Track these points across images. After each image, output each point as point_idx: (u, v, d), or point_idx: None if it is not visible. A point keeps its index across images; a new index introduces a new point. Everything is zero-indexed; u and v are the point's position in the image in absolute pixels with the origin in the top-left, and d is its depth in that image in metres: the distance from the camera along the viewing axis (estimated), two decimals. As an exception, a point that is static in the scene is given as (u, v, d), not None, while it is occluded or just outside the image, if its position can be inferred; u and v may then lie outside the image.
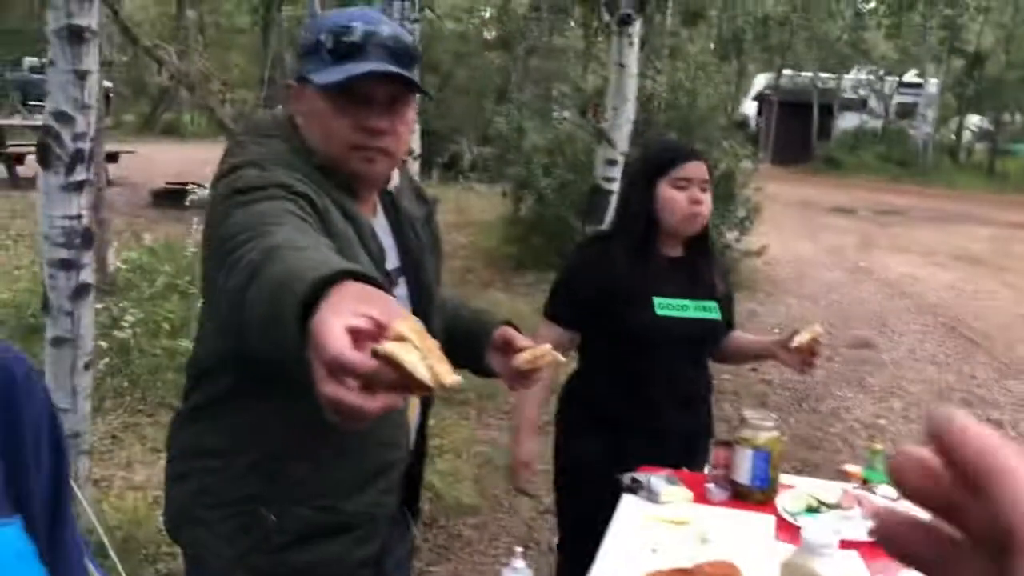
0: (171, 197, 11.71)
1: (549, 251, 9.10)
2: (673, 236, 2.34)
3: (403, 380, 0.73)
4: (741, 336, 2.56)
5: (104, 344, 4.67)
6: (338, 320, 0.75)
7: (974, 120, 29.96)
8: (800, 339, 2.27)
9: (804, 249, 12.35)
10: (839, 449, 5.02)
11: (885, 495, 2.17)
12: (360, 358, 0.72)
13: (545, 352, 1.53)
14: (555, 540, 3.91)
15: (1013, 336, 7.90)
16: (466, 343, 1.65)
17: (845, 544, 1.71)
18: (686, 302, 2.33)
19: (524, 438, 2.42)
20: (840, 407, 5.81)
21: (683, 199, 2.28)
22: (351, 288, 0.83)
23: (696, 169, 2.30)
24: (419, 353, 0.74)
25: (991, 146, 28.95)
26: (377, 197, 1.57)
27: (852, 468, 2.38)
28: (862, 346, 7.25)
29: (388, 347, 0.73)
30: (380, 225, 1.54)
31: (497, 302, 7.01)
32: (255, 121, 1.56)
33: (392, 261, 1.54)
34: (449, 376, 0.75)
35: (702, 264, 2.39)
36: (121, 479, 3.84)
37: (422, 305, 1.57)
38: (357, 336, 0.75)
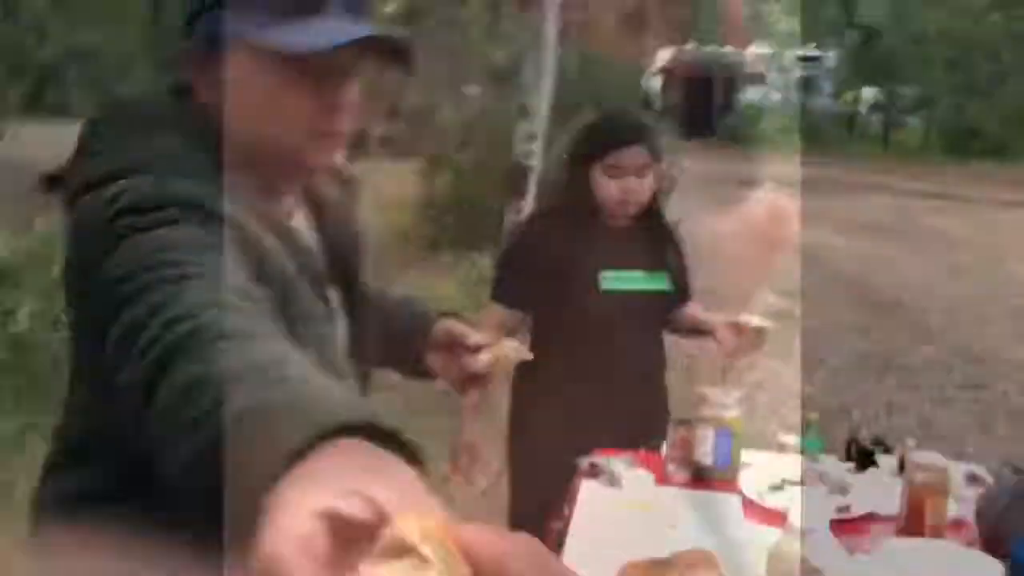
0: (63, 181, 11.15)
1: (465, 229, 8.93)
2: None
3: None
4: (694, 310, 2.48)
5: (-8, 341, 4.36)
6: (309, 499, 0.46)
7: (870, 93, 30.83)
8: (745, 319, 2.26)
9: (715, 223, 12.48)
10: (767, 417, 5.02)
11: (830, 467, 2.12)
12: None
13: (509, 351, 1.28)
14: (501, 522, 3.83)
15: (925, 304, 8.10)
16: (397, 342, 1.36)
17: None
18: (635, 273, 2.28)
19: (468, 418, 2.28)
20: (766, 377, 5.83)
21: (614, 188, 2.20)
22: (350, 450, 0.53)
23: (630, 157, 2.19)
24: None
25: (885, 118, 29.89)
26: None
27: (787, 439, 2.32)
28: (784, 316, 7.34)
29: (380, 573, 0.41)
30: (300, 223, 1.19)
31: (416, 284, 6.82)
32: (127, 103, 1.12)
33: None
34: None
35: (653, 234, 2.30)
36: (24, 482, 3.58)
37: (359, 317, 1.25)
38: (339, 531, 0.45)
